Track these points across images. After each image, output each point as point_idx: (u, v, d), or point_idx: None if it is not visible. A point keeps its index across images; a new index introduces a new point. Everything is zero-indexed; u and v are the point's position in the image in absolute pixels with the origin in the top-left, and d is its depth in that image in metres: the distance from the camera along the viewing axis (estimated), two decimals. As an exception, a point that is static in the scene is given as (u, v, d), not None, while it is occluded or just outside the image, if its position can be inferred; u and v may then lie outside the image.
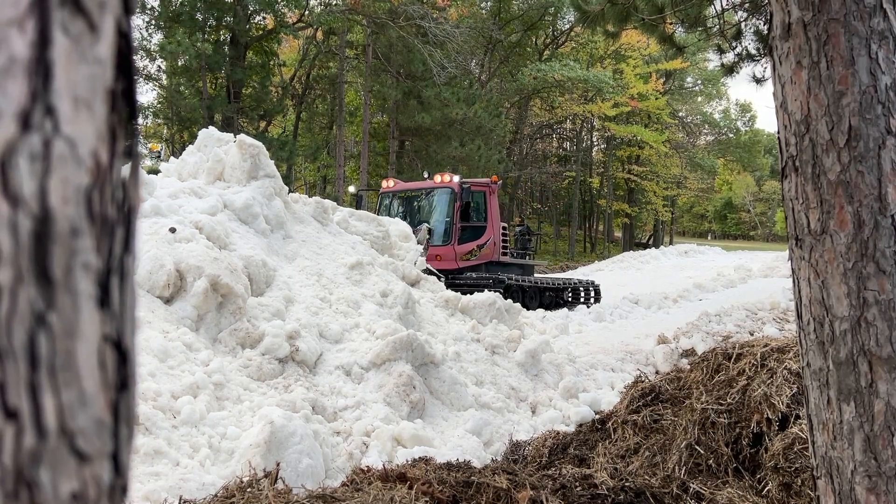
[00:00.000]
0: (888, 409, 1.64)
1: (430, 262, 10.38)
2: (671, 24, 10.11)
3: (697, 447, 3.76)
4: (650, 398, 4.47)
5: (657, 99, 36.59)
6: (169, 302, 4.98)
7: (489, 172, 23.13)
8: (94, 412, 0.46)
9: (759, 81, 9.05)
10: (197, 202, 6.15)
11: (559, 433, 4.79)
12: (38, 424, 0.43)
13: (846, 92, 1.71)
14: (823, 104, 1.74)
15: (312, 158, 30.78)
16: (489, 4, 33.34)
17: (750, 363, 3.96)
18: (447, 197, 13.59)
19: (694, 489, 3.46)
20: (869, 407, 1.66)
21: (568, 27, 35.51)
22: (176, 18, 21.37)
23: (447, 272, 11.95)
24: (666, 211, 46.23)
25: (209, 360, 4.51)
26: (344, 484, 3.33)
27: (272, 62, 26.61)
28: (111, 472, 0.48)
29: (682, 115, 46.08)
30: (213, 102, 22.65)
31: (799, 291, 1.85)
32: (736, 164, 55.16)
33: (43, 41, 0.44)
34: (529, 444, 4.79)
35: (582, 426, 5.00)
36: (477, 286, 11.26)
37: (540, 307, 12.64)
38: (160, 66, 25.96)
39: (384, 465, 3.43)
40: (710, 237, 67.43)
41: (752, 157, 53.26)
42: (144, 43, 23.41)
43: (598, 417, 4.95)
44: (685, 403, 4.14)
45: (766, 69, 8.95)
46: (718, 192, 62.37)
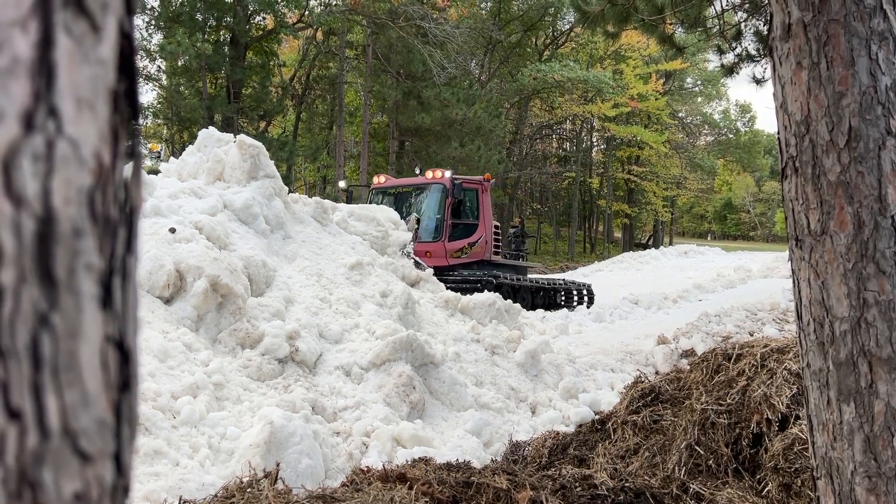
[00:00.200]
0: (888, 409, 1.64)
1: (419, 257, 10.31)
2: (671, 24, 10.12)
3: (697, 447, 3.76)
4: (650, 399, 4.46)
5: (657, 99, 36.61)
6: (169, 302, 4.98)
7: (489, 172, 23.12)
8: (96, 412, 0.46)
9: (759, 82, 9.06)
10: (197, 202, 6.15)
11: (559, 433, 4.78)
12: (41, 425, 0.43)
13: (846, 93, 1.71)
14: (823, 105, 1.74)
15: (312, 159, 30.80)
16: (489, 5, 33.35)
17: (750, 364, 3.96)
18: (438, 193, 13.42)
19: (694, 489, 3.46)
20: (869, 407, 1.67)
21: (568, 28, 35.51)
22: (176, 18, 21.37)
23: (436, 269, 11.91)
24: (666, 211, 46.23)
25: (209, 360, 4.51)
26: (344, 484, 3.33)
27: (272, 62, 26.62)
28: (113, 472, 0.48)
29: (681, 115, 46.05)
30: (212, 103, 22.66)
31: (799, 292, 1.85)
32: (736, 164, 55.19)
33: (46, 42, 0.44)
34: (529, 444, 4.78)
35: (582, 426, 4.99)
36: (466, 283, 11.16)
37: (531, 309, 12.51)
38: (160, 66, 25.99)
39: (384, 465, 3.42)
40: (709, 238, 67.44)
41: (751, 157, 53.29)
42: (144, 43, 23.40)
43: (597, 418, 4.94)
44: (685, 404, 4.14)
45: (766, 70, 8.97)
46: (718, 192, 62.41)
